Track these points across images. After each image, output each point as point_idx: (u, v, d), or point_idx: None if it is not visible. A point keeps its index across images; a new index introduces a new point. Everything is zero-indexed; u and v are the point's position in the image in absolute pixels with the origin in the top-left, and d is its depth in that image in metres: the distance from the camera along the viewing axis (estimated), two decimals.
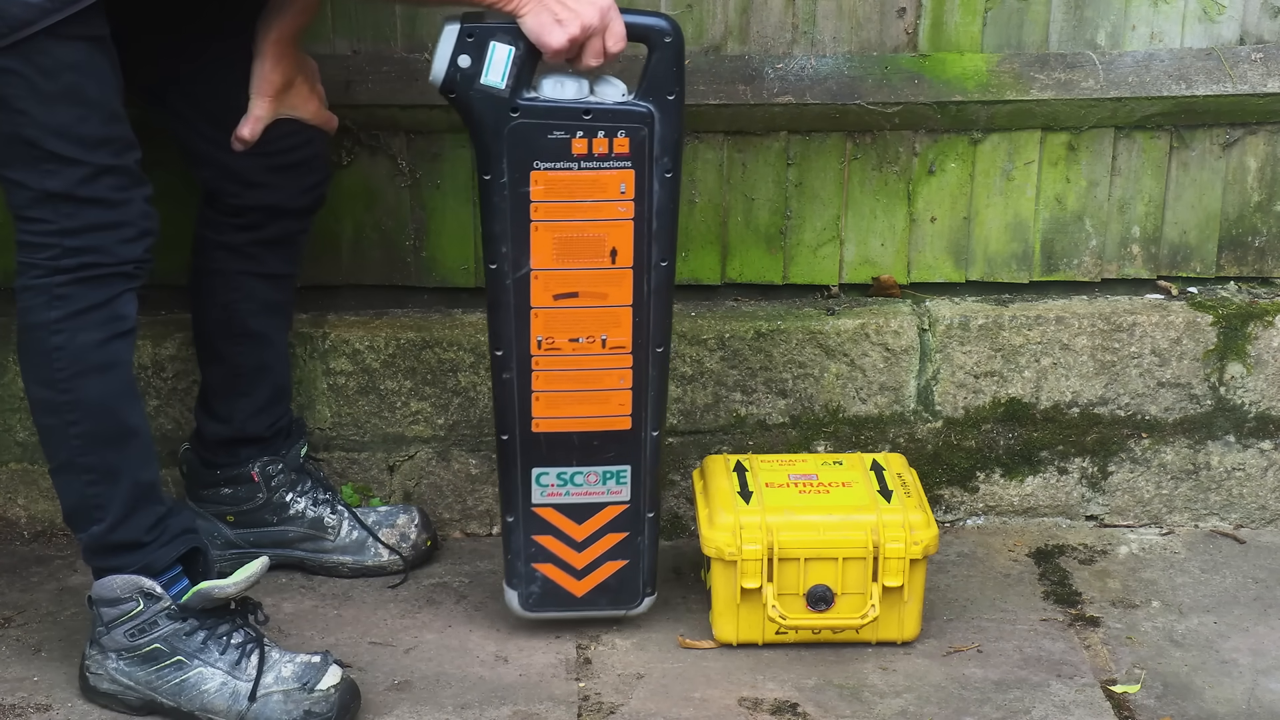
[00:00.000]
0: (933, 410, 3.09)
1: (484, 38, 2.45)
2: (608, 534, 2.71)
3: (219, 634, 2.52)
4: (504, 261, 2.54)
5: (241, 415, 2.85)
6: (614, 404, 2.64)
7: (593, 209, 2.53)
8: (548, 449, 2.65)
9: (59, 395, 2.44)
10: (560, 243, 2.54)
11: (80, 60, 2.32)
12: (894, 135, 3.04)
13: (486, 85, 2.46)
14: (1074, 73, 3.02)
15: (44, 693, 2.64)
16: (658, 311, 2.60)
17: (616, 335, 2.60)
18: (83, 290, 2.40)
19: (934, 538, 2.71)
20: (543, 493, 2.68)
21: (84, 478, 2.48)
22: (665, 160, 2.52)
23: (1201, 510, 3.16)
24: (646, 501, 2.70)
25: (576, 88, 2.50)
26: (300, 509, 2.91)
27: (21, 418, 3.03)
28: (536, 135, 2.49)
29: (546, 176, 2.51)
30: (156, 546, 2.51)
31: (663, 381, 2.66)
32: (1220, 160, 3.08)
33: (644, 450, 2.67)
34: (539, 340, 2.59)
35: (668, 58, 2.48)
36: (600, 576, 2.73)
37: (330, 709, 2.50)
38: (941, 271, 3.12)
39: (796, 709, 2.61)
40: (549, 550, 2.71)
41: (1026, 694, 2.65)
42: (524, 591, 2.73)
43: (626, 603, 2.75)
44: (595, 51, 2.45)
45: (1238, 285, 3.16)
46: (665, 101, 2.50)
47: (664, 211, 2.55)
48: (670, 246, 2.58)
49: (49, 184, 2.35)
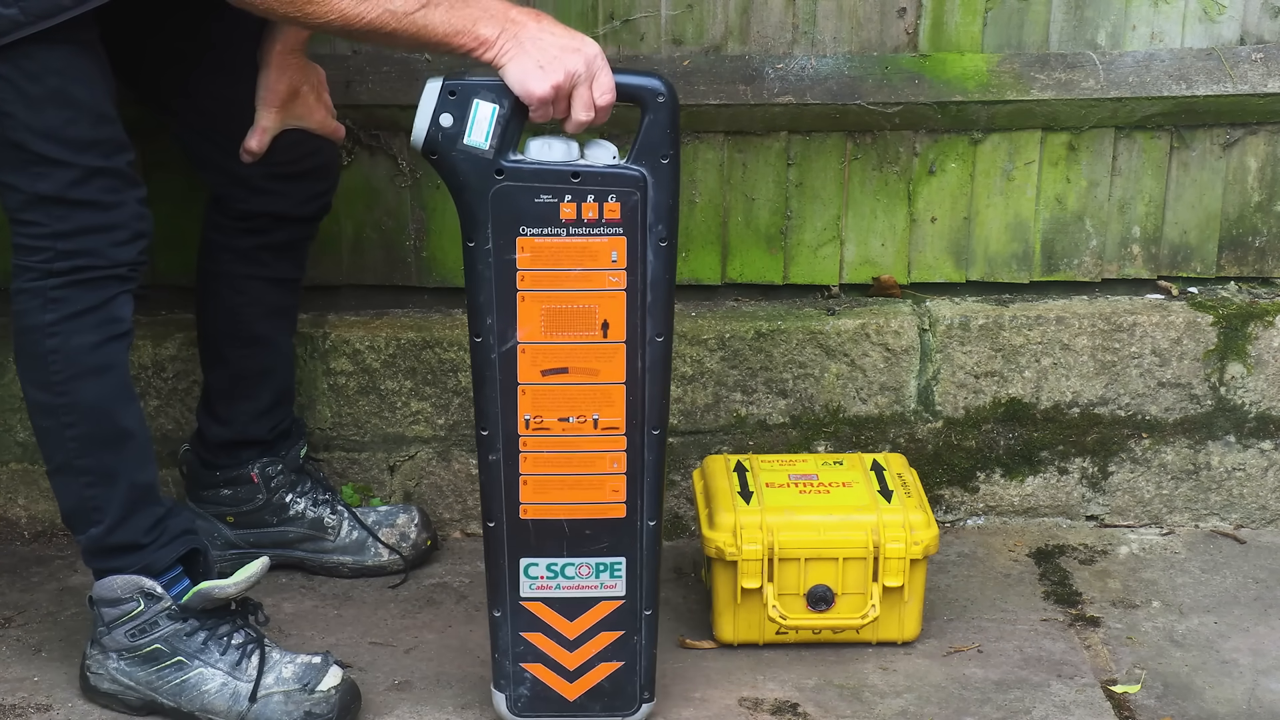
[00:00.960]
0: (933, 410, 3.10)
1: (467, 95, 2.30)
2: (601, 632, 2.51)
3: (219, 634, 2.52)
4: (489, 334, 2.38)
5: (244, 418, 2.85)
6: (607, 490, 2.45)
7: (583, 278, 2.36)
8: (536, 538, 2.47)
9: (55, 398, 2.44)
10: (549, 314, 2.38)
11: (66, 64, 2.32)
12: (894, 135, 3.04)
13: (470, 146, 2.31)
14: (1074, 73, 3.02)
15: (44, 693, 2.64)
16: (653, 390, 2.41)
17: (609, 415, 2.42)
18: (77, 293, 2.40)
19: (934, 538, 2.71)
20: (531, 585, 2.49)
21: (81, 480, 2.48)
22: (660, 228, 2.35)
23: (1202, 510, 3.16)
24: (644, 598, 2.50)
25: (565, 149, 2.34)
26: (300, 509, 2.91)
27: (21, 418, 3.03)
28: (523, 199, 2.33)
29: (533, 243, 2.34)
30: (156, 548, 2.51)
31: (660, 466, 2.46)
32: (1220, 160, 3.08)
33: (640, 541, 2.47)
34: (527, 419, 2.41)
35: (661, 120, 2.32)
36: (594, 679, 2.54)
37: (331, 710, 2.50)
38: (942, 271, 3.12)
39: (797, 709, 2.61)
40: (539, 649, 2.52)
41: (1027, 694, 2.65)
42: (512, 694, 2.54)
43: (622, 709, 2.55)
44: (584, 104, 2.30)
45: (1238, 285, 3.16)
46: (659, 165, 2.33)
47: (659, 283, 2.37)
48: (666, 320, 2.40)
49: (39, 187, 2.35)
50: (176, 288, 2.89)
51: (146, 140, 2.75)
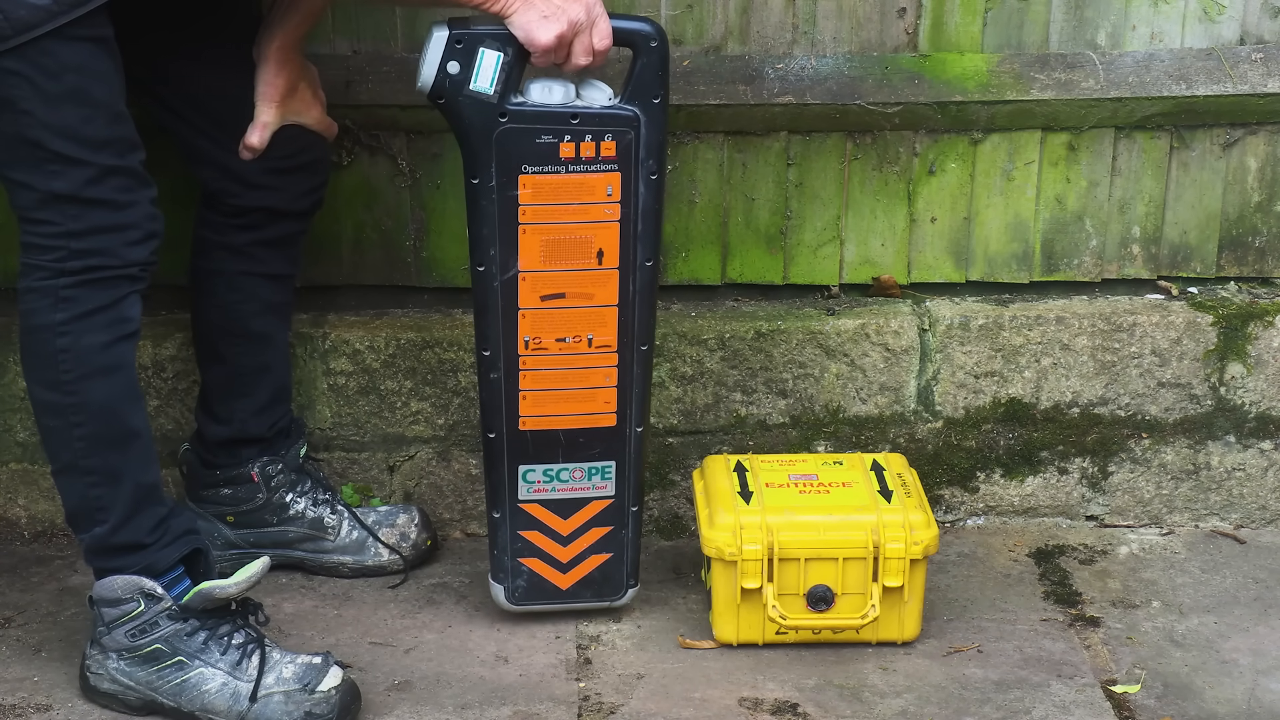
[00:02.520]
0: (933, 410, 3.10)
1: (473, 44, 2.47)
2: (593, 528, 2.74)
3: (220, 634, 2.52)
4: (491, 264, 2.57)
5: (242, 416, 2.85)
6: (599, 401, 2.67)
7: (580, 211, 2.56)
8: (534, 447, 2.68)
9: (64, 398, 2.44)
10: (548, 245, 2.57)
11: (84, 61, 2.32)
12: (894, 135, 3.04)
13: (475, 91, 2.48)
14: (1074, 73, 3.02)
15: (44, 693, 2.64)
16: (643, 310, 2.63)
17: (602, 334, 2.63)
18: (88, 292, 2.40)
19: (934, 538, 2.71)
20: (529, 489, 2.70)
21: (87, 479, 2.48)
22: (650, 163, 2.55)
23: (1201, 510, 3.16)
24: (631, 496, 2.73)
25: (564, 92, 2.52)
26: (300, 509, 2.91)
27: (21, 418, 3.03)
28: (525, 140, 2.51)
29: (535, 180, 2.53)
30: (159, 548, 2.51)
31: (646, 379, 2.69)
32: (1220, 160, 3.08)
33: (628, 446, 2.70)
34: (526, 340, 2.62)
35: (653, 62, 2.52)
36: (585, 570, 2.76)
37: (331, 710, 2.50)
38: (942, 271, 3.12)
39: (796, 709, 2.61)
40: (535, 545, 2.74)
41: (1027, 694, 2.65)
42: (510, 585, 2.76)
43: (610, 595, 2.79)
44: (584, 49, 2.47)
45: (1238, 285, 3.16)
46: (650, 105, 2.53)
47: (649, 213, 2.57)
48: (655, 247, 2.61)
49: (54, 185, 2.35)
50: (175, 288, 2.88)
51: (145, 142, 2.74)
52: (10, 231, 3.02)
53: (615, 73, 2.72)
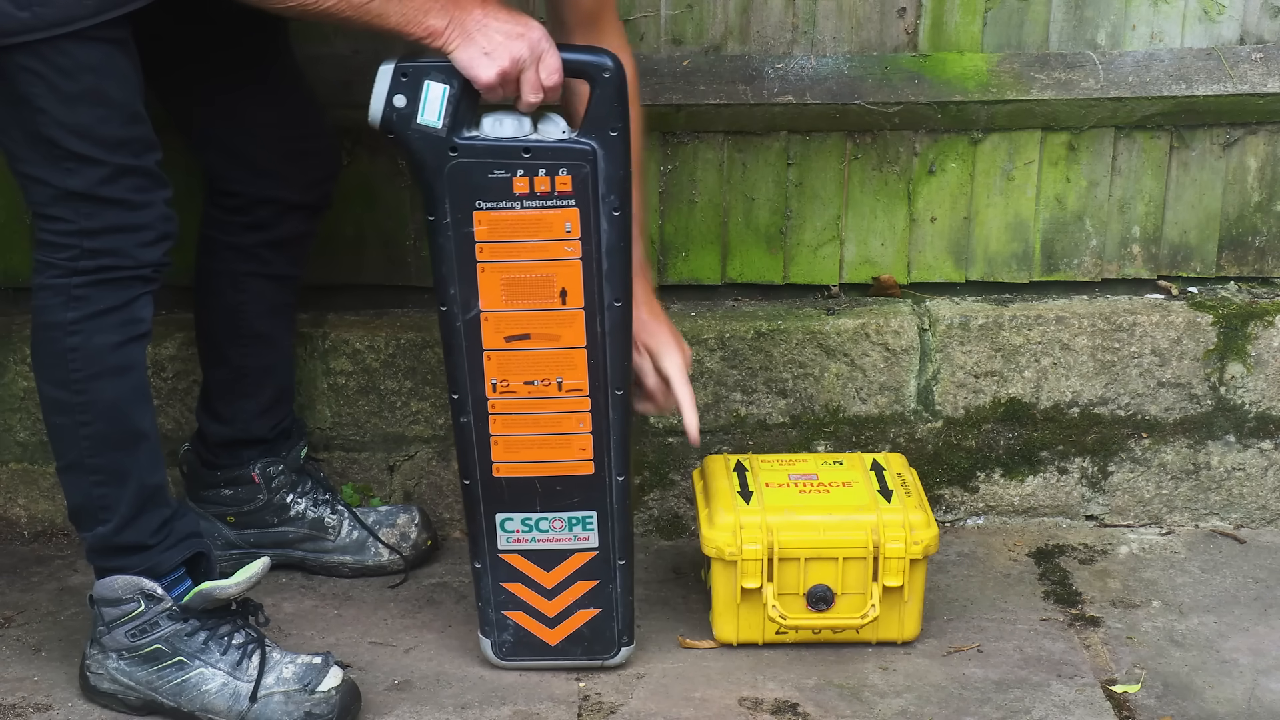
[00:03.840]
0: (933, 410, 3.10)
1: (418, 77, 2.39)
2: (577, 581, 2.64)
3: (220, 635, 2.52)
4: (453, 303, 2.49)
5: (245, 417, 2.85)
6: (574, 448, 2.57)
7: (538, 249, 2.46)
8: (510, 494, 2.59)
9: (73, 396, 2.44)
10: (508, 283, 2.48)
11: (101, 61, 2.32)
12: (894, 135, 3.04)
13: (423, 125, 2.41)
14: (1074, 73, 3.02)
15: (44, 693, 2.64)
16: (615, 353, 2.52)
17: (572, 377, 2.53)
18: (101, 292, 2.40)
19: (934, 538, 2.71)
20: (508, 539, 2.62)
21: (91, 478, 2.48)
22: (612, 198, 2.44)
23: (1201, 510, 3.16)
24: (616, 549, 2.62)
25: (516, 125, 2.43)
26: (300, 510, 2.91)
27: (21, 418, 3.04)
28: (477, 174, 2.43)
29: (490, 216, 2.44)
30: (162, 549, 2.51)
31: (625, 425, 2.57)
32: (1220, 160, 3.08)
33: (609, 496, 2.59)
34: (493, 383, 2.53)
35: (608, 93, 2.41)
36: (573, 625, 2.66)
37: (331, 710, 2.50)
38: (941, 271, 3.12)
39: (796, 709, 2.61)
40: (519, 598, 2.65)
41: (1027, 694, 2.65)
42: (496, 640, 2.67)
43: (601, 653, 2.68)
44: (532, 85, 2.40)
45: (1238, 285, 3.16)
46: (608, 138, 2.43)
47: (614, 251, 2.47)
48: (624, 286, 2.49)
49: (70, 183, 2.35)
50: (176, 287, 2.87)
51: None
52: (10, 231, 3.03)
53: None
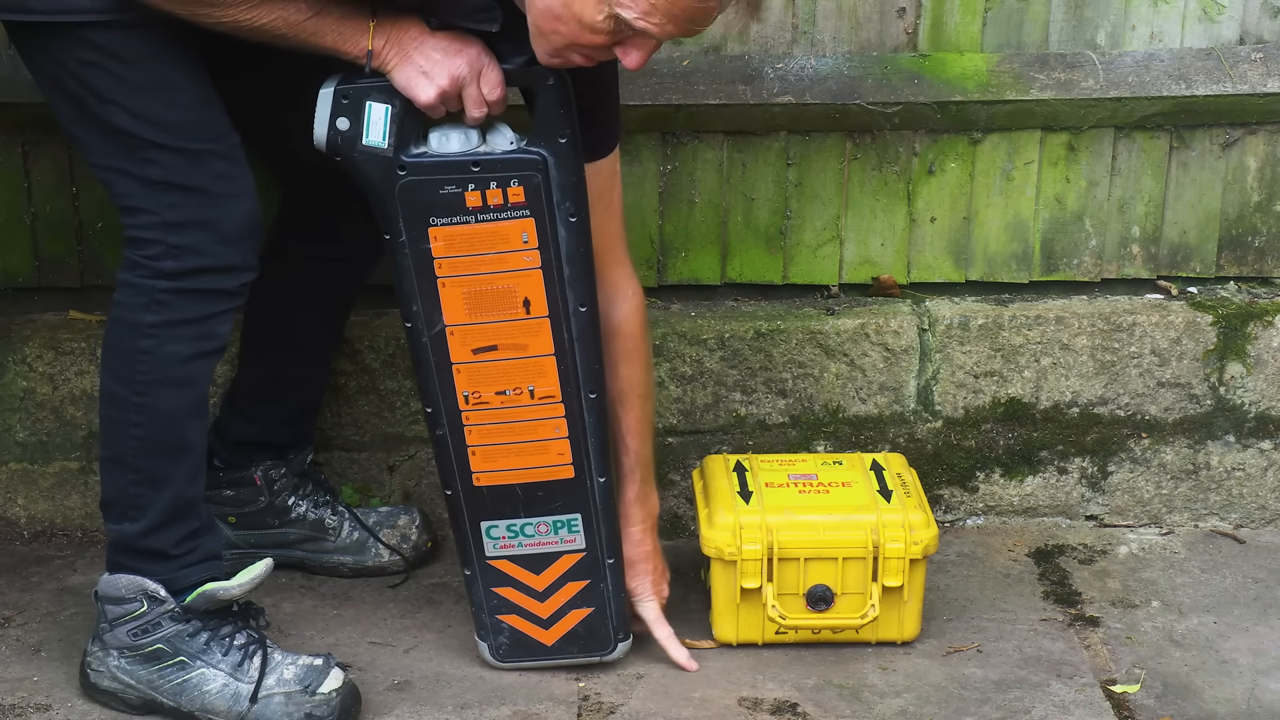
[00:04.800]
0: (933, 410, 3.10)
1: (359, 98, 2.37)
2: (568, 583, 2.64)
3: (222, 635, 2.52)
4: (417, 320, 2.48)
5: (270, 421, 2.85)
6: (553, 453, 2.56)
7: (497, 260, 2.44)
8: (492, 502, 2.59)
9: (132, 396, 2.43)
10: (470, 297, 2.46)
11: (160, 48, 2.31)
12: (894, 135, 3.04)
13: (369, 146, 2.38)
14: (1074, 73, 3.02)
15: (44, 692, 2.64)
16: (585, 358, 2.51)
17: (544, 385, 2.52)
18: (184, 301, 2.39)
19: (934, 538, 2.72)
20: (495, 545, 2.62)
21: (131, 476, 2.47)
22: (568, 205, 2.42)
23: (1201, 510, 3.16)
24: (604, 548, 2.63)
25: (462, 139, 2.42)
26: (301, 511, 2.91)
27: (21, 418, 3.04)
28: (428, 191, 2.41)
29: (445, 232, 2.42)
30: (182, 564, 2.50)
31: (602, 427, 2.57)
32: (1220, 160, 3.08)
33: (592, 497, 2.59)
34: (465, 395, 2.52)
35: (553, 101, 2.39)
36: (568, 625, 2.67)
37: (331, 712, 2.50)
38: (941, 271, 3.13)
39: (796, 709, 2.61)
40: (511, 602, 2.65)
41: (1026, 694, 2.65)
42: (493, 643, 2.68)
43: (598, 650, 2.68)
44: (475, 100, 2.37)
45: (1237, 285, 3.16)
46: (558, 145, 2.40)
47: (575, 257, 2.45)
48: (588, 291, 2.49)
49: (149, 172, 2.34)
50: None
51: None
52: (10, 231, 3.03)
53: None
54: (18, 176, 3.00)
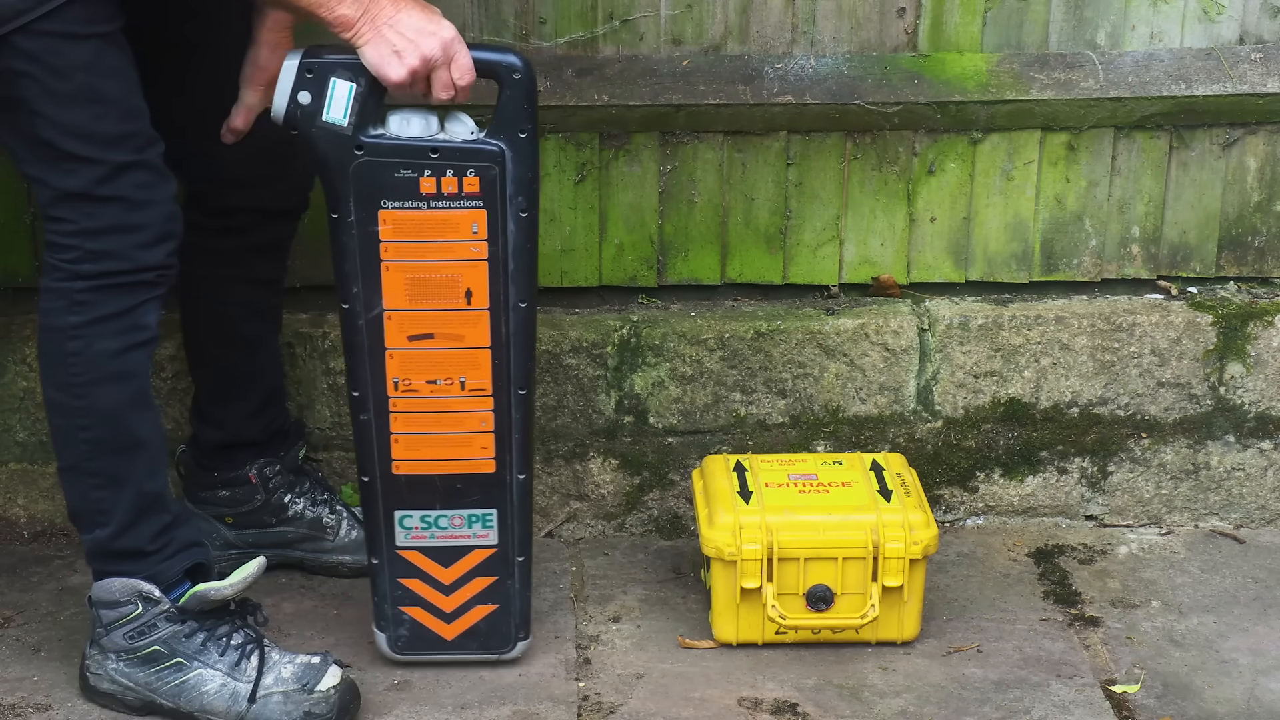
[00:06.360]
0: (932, 410, 3.10)
1: (324, 74, 2.37)
2: (476, 578, 2.63)
3: (218, 635, 2.52)
4: (356, 302, 2.48)
5: (235, 420, 2.84)
6: (476, 447, 2.56)
7: (444, 249, 2.45)
8: (409, 491, 2.58)
9: (72, 400, 2.43)
10: (413, 283, 2.47)
11: (92, 59, 2.31)
12: (894, 135, 3.04)
13: (329, 123, 2.38)
14: (1074, 73, 3.02)
15: (44, 693, 2.64)
16: (519, 353, 2.52)
17: (475, 377, 2.52)
18: (103, 298, 2.39)
19: (934, 538, 2.72)
20: (406, 535, 2.61)
21: (89, 481, 2.47)
22: (520, 200, 2.43)
23: (1201, 510, 3.16)
24: (515, 545, 2.62)
25: (423, 125, 2.42)
26: (299, 510, 2.91)
27: (21, 418, 3.04)
28: (383, 174, 2.41)
29: (395, 216, 2.43)
30: (162, 558, 2.50)
31: (528, 424, 2.57)
32: (1220, 160, 3.08)
33: (510, 494, 2.59)
34: (395, 382, 2.52)
35: (518, 94, 2.40)
36: (469, 620, 2.66)
37: (330, 710, 2.50)
38: (941, 271, 3.12)
39: (796, 709, 2.61)
40: (415, 594, 2.64)
41: (1026, 694, 2.65)
42: (392, 634, 2.66)
43: (497, 648, 2.68)
44: (443, 84, 2.37)
45: (1237, 285, 3.16)
46: (517, 139, 2.41)
47: (521, 252, 2.46)
48: (530, 287, 2.49)
49: (69, 183, 2.34)
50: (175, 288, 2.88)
51: None
52: (10, 231, 3.04)
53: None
54: (17, 177, 2.99)
